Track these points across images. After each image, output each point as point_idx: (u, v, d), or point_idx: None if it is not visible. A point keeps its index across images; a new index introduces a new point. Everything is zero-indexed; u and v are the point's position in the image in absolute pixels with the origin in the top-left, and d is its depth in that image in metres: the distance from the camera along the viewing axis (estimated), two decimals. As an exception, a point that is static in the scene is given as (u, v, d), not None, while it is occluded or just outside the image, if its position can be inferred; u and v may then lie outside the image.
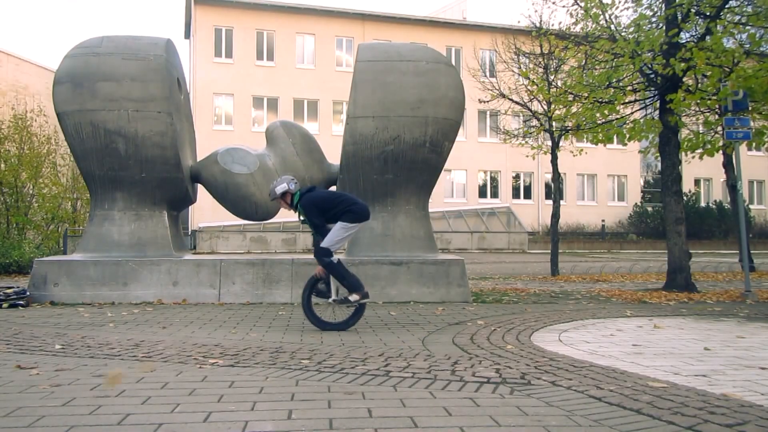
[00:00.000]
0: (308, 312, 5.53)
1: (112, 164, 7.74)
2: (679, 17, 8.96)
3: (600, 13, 9.46)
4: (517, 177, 32.52)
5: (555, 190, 13.28)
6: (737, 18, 9.18)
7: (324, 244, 5.46)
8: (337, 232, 5.50)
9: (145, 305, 7.14)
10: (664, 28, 9.26)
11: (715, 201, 32.78)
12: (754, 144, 8.97)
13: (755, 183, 34.46)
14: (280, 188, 5.70)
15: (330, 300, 5.53)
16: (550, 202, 15.77)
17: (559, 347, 4.54)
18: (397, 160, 7.91)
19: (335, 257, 5.55)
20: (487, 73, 20.57)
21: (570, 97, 10.15)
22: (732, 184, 15.08)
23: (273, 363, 3.93)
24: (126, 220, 7.95)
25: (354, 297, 5.42)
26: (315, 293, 5.58)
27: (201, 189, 8.87)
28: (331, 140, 20.86)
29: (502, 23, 28.58)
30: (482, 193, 32.06)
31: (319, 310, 5.63)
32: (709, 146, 9.29)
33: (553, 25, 12.84)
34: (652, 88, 9.61)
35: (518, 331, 5.24)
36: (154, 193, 8.00)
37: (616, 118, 9.69)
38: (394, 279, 7.63)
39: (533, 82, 12.14)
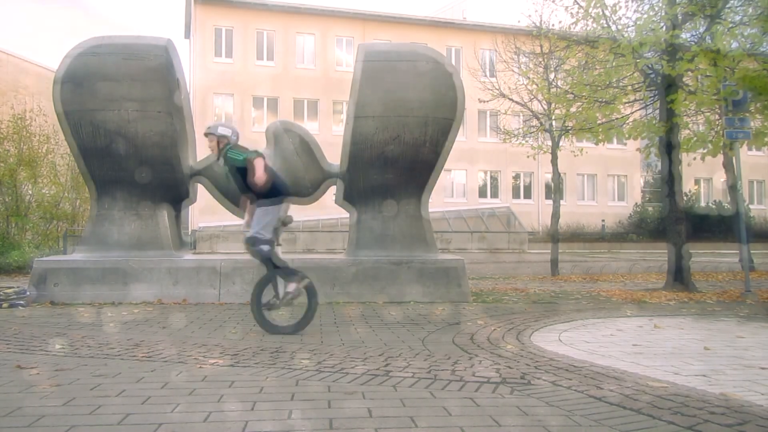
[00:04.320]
0: (258, 316, 5.20)
1: (112, 164, 7.74)
2: (680, 17, 8.95)
3: (600, 12, 9.45)
4: (517, 177, 32.52)
5: (555, 190, 13.29)
6: (738, 18, 9.18)
7: (250, 233, 5.19)
8: (259, 218, 5.17)
9: (145, 305, 7.13)
10: (664, 27, 9.25)
11: (715, 201, 32.77)
12: (754, 144, 8.98)
13: (755, 183, 34.46)
14: (222, 130, 5.18)
15: (279, 306, 5.25)
16: (550, 202, 15.77)
17: (559, 347, 4.54)
18: (397, 160, 7.91)
19: (266, 247, 5.17)
20: (487, 73, 20.57)
21: (570, 97, 10.15)
22: (732, 184, 15.07)
23: (273, 363, 3.93)
24: (126, 220, 7.95)
25: (291, 287, 5.13)
26: (265, 307, 5.22)
27: (201, 189, 8.87)
28: (331, 140, 20.83)
29: (502, 23, 28.58)
30: (482, 193, 32.06)
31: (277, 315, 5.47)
32: (711, 146, 9.29)
33: (553, 25, 12.85)
34: (653, 88, 9.61)
35: (518, 331, 5.24)
36: (154, 193, 7.99)
37: (617, 118, 9.69)
38: (394, 279, 7.62)
39: (533, 81, 12.14)
